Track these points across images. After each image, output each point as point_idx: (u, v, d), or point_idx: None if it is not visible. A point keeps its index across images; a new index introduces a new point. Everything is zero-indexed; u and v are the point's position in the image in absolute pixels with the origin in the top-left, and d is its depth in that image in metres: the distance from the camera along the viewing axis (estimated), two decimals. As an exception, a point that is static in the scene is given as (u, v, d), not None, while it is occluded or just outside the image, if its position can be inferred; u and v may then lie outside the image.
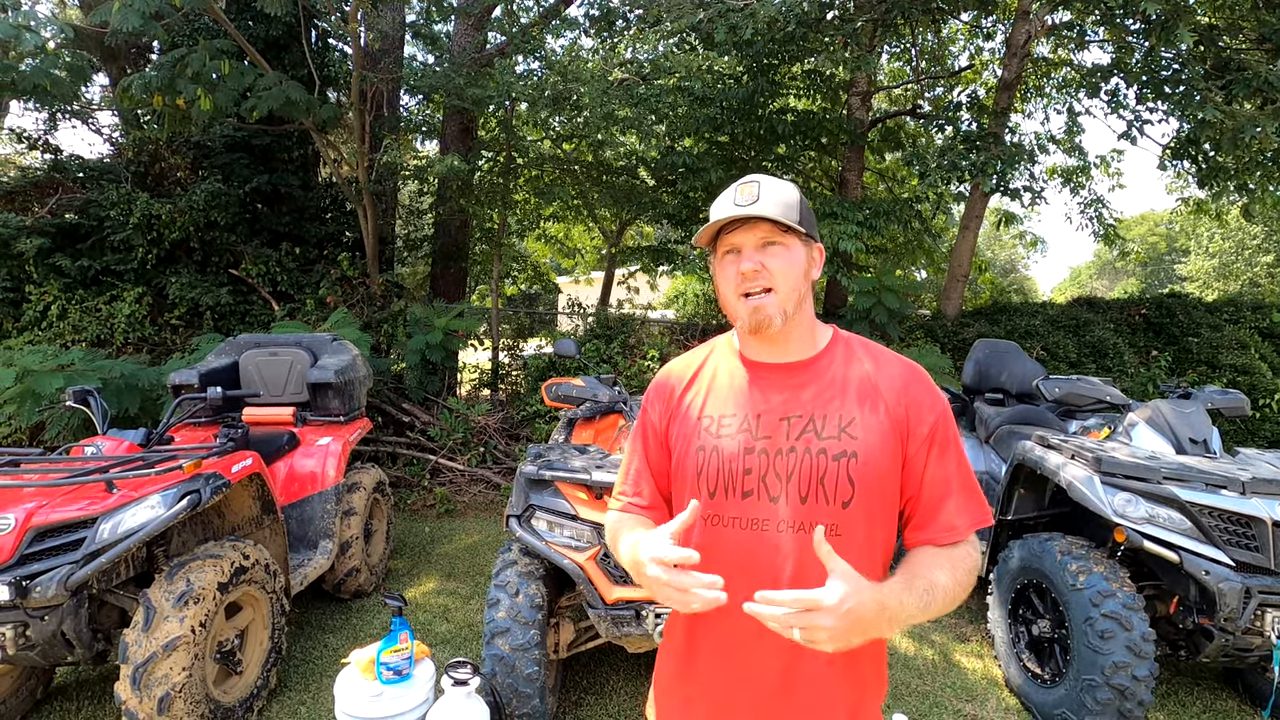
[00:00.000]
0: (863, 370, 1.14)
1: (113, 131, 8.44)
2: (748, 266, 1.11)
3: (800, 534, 1.07)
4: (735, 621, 1.06)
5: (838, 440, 1.08)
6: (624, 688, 3.07)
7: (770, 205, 1.10)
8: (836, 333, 1.21)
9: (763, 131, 7.21)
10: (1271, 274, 18.38)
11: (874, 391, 1.12)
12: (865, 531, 1.08)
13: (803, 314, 1.15)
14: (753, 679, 1.11)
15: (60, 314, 6.19)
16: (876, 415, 1.10)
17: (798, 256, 1.13)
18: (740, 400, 1.16)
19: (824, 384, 1.14)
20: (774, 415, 1.12)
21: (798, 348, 1.17)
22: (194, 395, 3.09)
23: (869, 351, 1.18)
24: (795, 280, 1.12)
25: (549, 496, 2.58)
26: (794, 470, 1.08)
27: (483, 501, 5.84)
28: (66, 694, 2.95)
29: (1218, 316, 7.81)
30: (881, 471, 1.08)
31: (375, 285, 6.96)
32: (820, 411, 1.11)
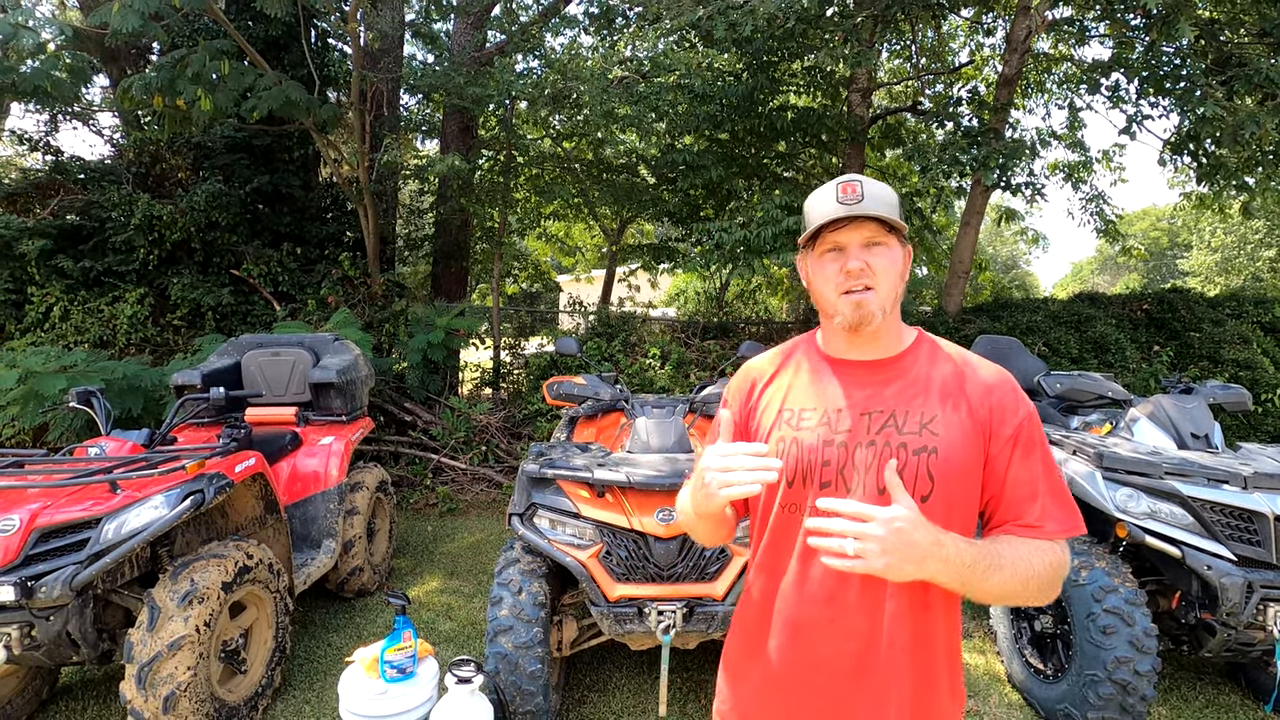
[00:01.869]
0: (947, 371, 1.16)
1: (113, 133, 8.45)
2: (854, 265, 1.12)
3: None
4: (809, 605, 1.13)
5: (918, 436, 1.10)
6: (627, 685, 3.08)
7: (876, 204, 1.12)
8: (921, 334, 1.23)
9: (763, 129, 7.20)
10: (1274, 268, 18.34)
11: (957, 391, 1.13)
12: (944, 526, 1.06)
13: (896, 314, 1.18)
14: (826, 662, 1.13)
15: (63, 315, 6.21)
16: (959, 414, 1.11)
17: (897, 256, 1.15)
18: (822, 395, 1.18)
19: (907, 381, 1.15)
20: (855, 410, 1.15)
21: (884, 346, 1.19)
22: (197, 396, 3.10)
23: (954, 353, 1.20)
24: (894, 280, 1.14)
25: (551, 495, 2.59)
26: (873, 463, 1.10)
27: (485, 500, 5.85)
28: (72, 694, 2.97)
29: (1220, 311, 7.80)
30: (962, 468, 1.09)
31: (376, 285, 6.97)
32: (902, 408, 1.13)
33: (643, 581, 2.47)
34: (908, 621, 1.10)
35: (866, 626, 1.10)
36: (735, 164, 7.59)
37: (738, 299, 10.75)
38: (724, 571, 2.49)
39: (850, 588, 1.11)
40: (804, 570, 1.14)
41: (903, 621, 1.10)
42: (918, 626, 1.11)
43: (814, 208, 1.18)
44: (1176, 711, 2.99)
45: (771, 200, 6.09)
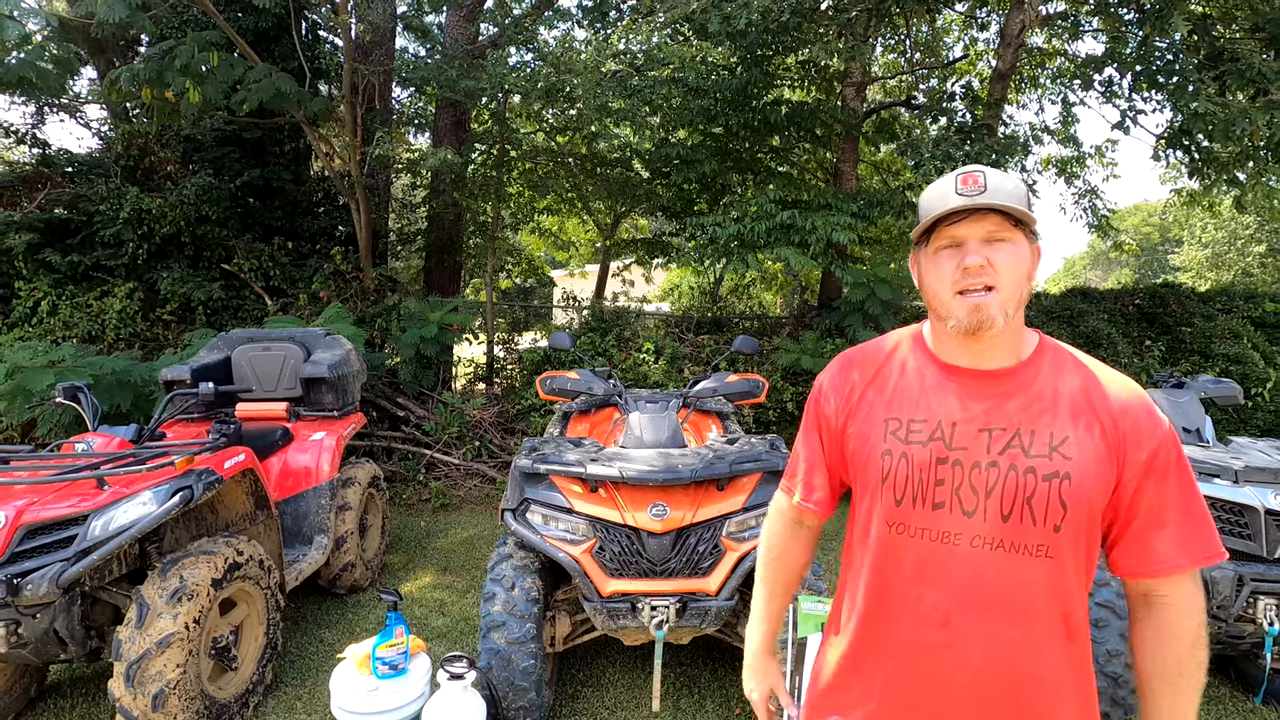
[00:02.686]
0: (1076, 385, 1.05)
1: (101, 125, 8.36)
2: (974, 261, 1.02)
3: (1000, 552, 1.03)
4: (924, 628, 1.07)
5: (1048, 459, 1.01)
6: (621, 680, 3.07)
7: (1000, 195, 1.02)
8: (1043, 340, 1.11)
9: (757, 123, 7.18)
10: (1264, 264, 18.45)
11: (1089, 409, 1.03)
12: (1074, 554, 1.02)
13: (1019, 318, 1.07)
14: (940, 686, 1.06)
15: (50, 310, 6.14)
16: (1092, 436, 1.02)
17: (1024, 254, 1.05)
18: (933, 405, 1.09)
19: (1031, 396, 1.05)
20: (973, 425, 1.05)
21: (1004, 353, 1.08)
22: (186, 391, 3.08)
23: (1081, 366, 1.08)
24: (1019, 279, 1.04)
25: (544, 490, 2.58)
26: (995, 486, 1.02)
27: (478, 495, 5.83)
28: (61, 692, 2.94)
29: (1211, 306, 7.84)
30: (1094, 496, 1.01)
31: (369, 279, 6.93)
32: (1028, 426, 1.03)
33: (636, 577, 2.46)
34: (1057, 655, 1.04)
35: (981, 656, 1.04)
36: (729, 158, 7.57)
37: (732, 294, 10.75)
38: (717, 567, 2.48)
39: (969, 613, 1.05)
40: (918, 590, 1.07)
41: (1051, 654, 1.04)
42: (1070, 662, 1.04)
43: (930, 199, 1.09)
44: (1167, 704, 3.00)
45: (765, 195, 6.08)
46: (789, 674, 2.45)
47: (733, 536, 2.52)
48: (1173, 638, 1.04)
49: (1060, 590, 1.02)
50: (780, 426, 6.31)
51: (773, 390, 6.27)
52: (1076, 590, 1.03)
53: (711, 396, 3.35)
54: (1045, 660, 1.03)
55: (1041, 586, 1.02)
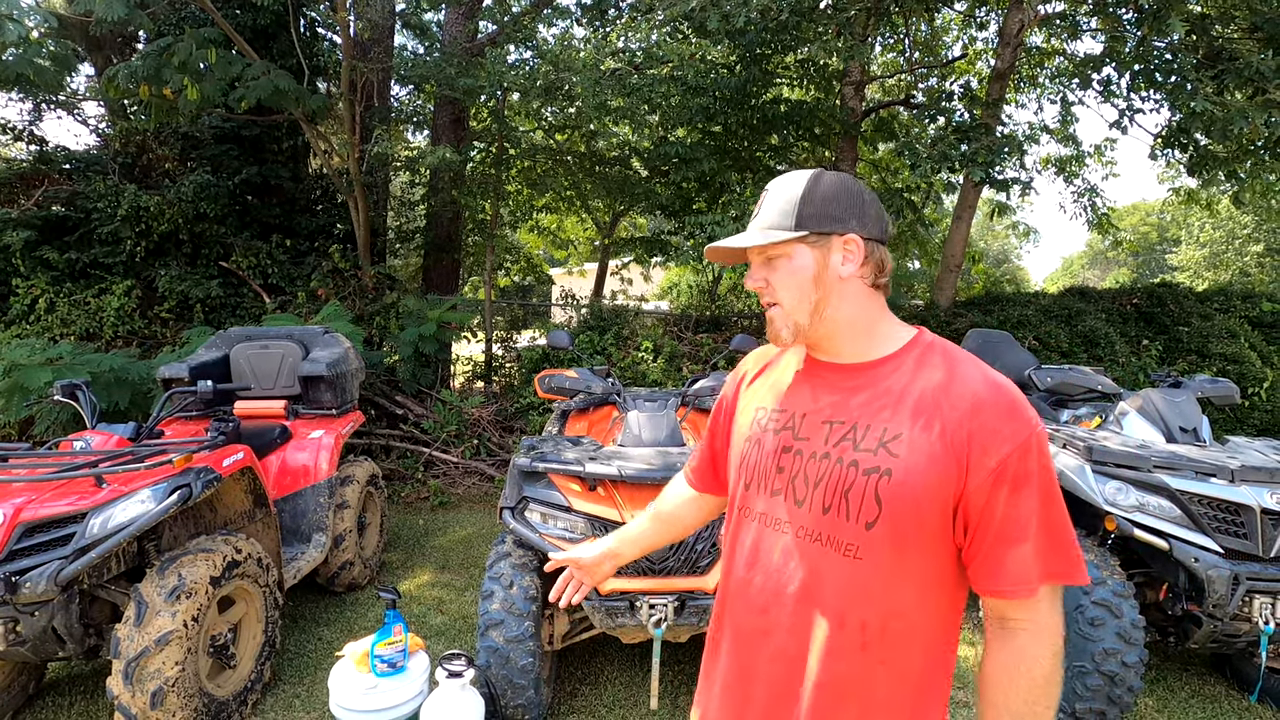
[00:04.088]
0: (930, 382, 0.99)
1: (99, 122, 8.34)
2: (748, 284, 1.10)
3: (817, 545, 1.01)
4: (750, 613, 1.08)
5: (874, 454, 0.98)
6: (619, 678, 3.08)
7: (764, 218, 1.07)
8: (918, 337, 1.07)
9: (756, 121, 7.18)
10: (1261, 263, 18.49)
11: (934, 407, 0.97)
12: (893, 558, 0.97)
13: (836, 320, 1.05)
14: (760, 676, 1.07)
15: (48, 307, 6.13)
16: (928, 434, 0.95)
17: (801, 264, 1.04)
18: (792, 397, 1.11)
19: (878, 392, 1.03)
20: (818, 417, 1.06)
21: (852, 350, 1.07)
22: (184, 389, 3.07)
23: (950, 364, 1.01)
24: (799, 290, 1.04)
25: (542, 489, 2.58)
26: (823, 477, 1.01)
27: (477, 494, 5.83)
28: (59, 689, 2.94)
29: (1208, 306, 7.85)
30: (919, 497, 0.94)
31: (367, 278, 6.92)
32: (865, 421, 1.01)
33: (634, 575, 2.47)
34: (845, 662, 0.98)
35: (795, 650, 1.02)
36: (728, 157, 7.57)
37: (730, 292, 10.75)
38: (716, 565, 2.48)
39: (784, 604, 1.03)
40: (749, 575, 1.08)
41: (839, 660, 0.98)
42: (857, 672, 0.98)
43: None
44: (1163, 702, 3.02)
45: (764, 193, 6.07)
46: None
47: (731, 535, 2.52)
48: (1024, 670, 0.96)
49: (862, 594, 0.97)
50: (778, 425, 6.31)
51: (771, 389, 6.27)
52: (882, 597, 0.97)
53: (710, 395, 3.35)
54: (833, 664, 0.98)
55: (839, 587, 0.98)
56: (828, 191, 1.04)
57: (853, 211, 1.04)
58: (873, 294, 1.07)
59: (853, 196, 1.05)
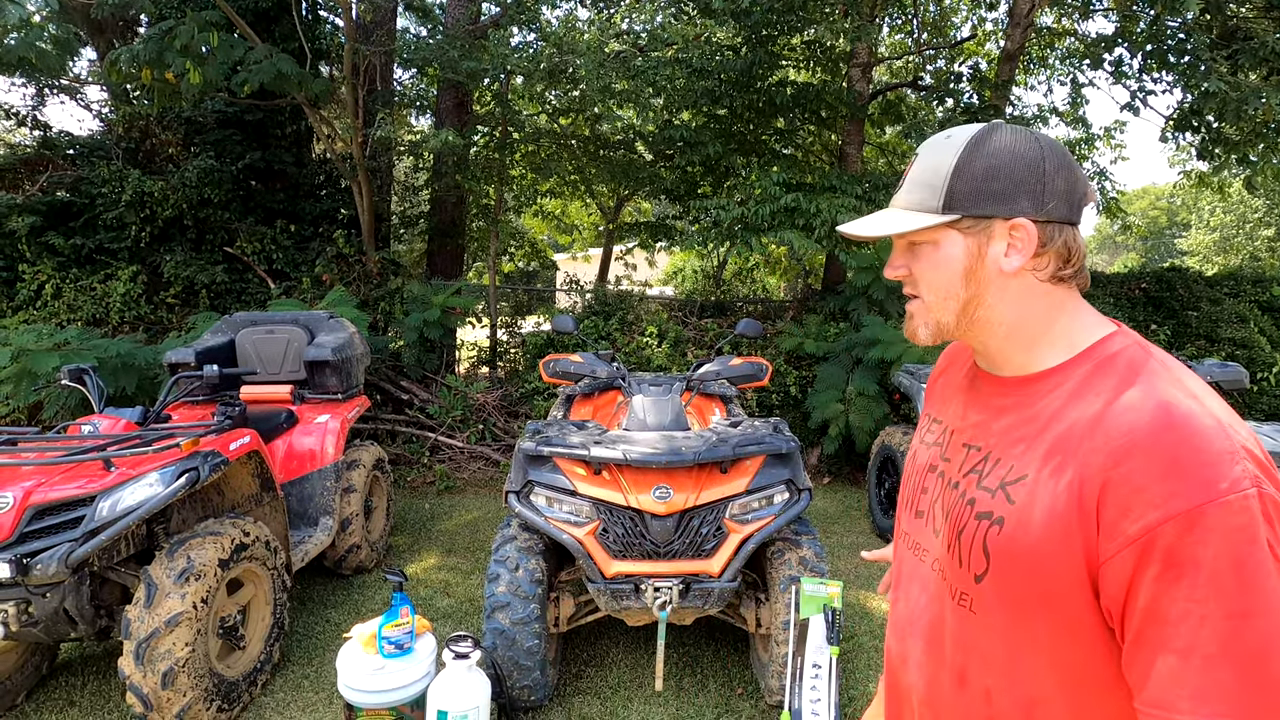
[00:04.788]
0: (1086, 412, 0.75)
1: (102, 107, 8.31)
2: (890, 273, 0.91)
3: (943, 582, 0.87)
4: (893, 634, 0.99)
5: (991, 496, 0.80)
6: (624, 660, 3.10)
7: (905, 192, 0.86)
8: (1102, 346, 0.81)
9: (761, 104, 7.11)
10: (1272, 248, 18.31)
11: (1073, 447, 0.73)
12: (1012, 625, 0.77)
13: (991, 323, 0.84)
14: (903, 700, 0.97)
15: (55, 293, 6.15)
16: (1055, 481, 0.73)
17: (949, 254, 0.83)
18: (950, 407, 0.98)
19: (1024, 417, 0.82)
20: (961, 438, 0.91)
21: (1004, 362, 0.87)
22: (190, 374, 3.08)
23: (1122, 385, 0.75)
24: (946, 285, 0.84)
25: (548, 472, 2.59)
26: (951, 509, 0.87)
27: (482, 478, 5.86)
28: (72, 669, 2.98)
29: (1218, 290, 7.79)
30: (1033, 560, 0.73)
31: (372, 263, 6.91)
32: (999, 452, 0.83)
33: (639, 558, 2.48)
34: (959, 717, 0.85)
35: (923, 689, 0.90)
36: (733, 140, 7.51)
37: (735, 278, 10.72)
38: (720, 549, 2.49)
39: (914, 636, 0.92)
40: (896, 594, 0.99)
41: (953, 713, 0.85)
42: None
43: None
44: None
45: (769, 177, 6.03)
46: (791, 654, 2.47)
47: (736, 519, 2.53)
48: None
49: (981, 655, 0.80)
50: (784, 410, 6.31)
51: (776, 374, 6.27)
52: (1007, 668, 0.78)
53: (715, 380, 3.35)
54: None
55: (962, 641, 0.83)
56: (994, 161, 0.80)
57: (1027, 186, 0.79)
58: (1050, 290, 0.83)
59: (1030, 166, 0.80)
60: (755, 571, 2.92)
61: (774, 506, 2.58)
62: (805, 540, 2.71)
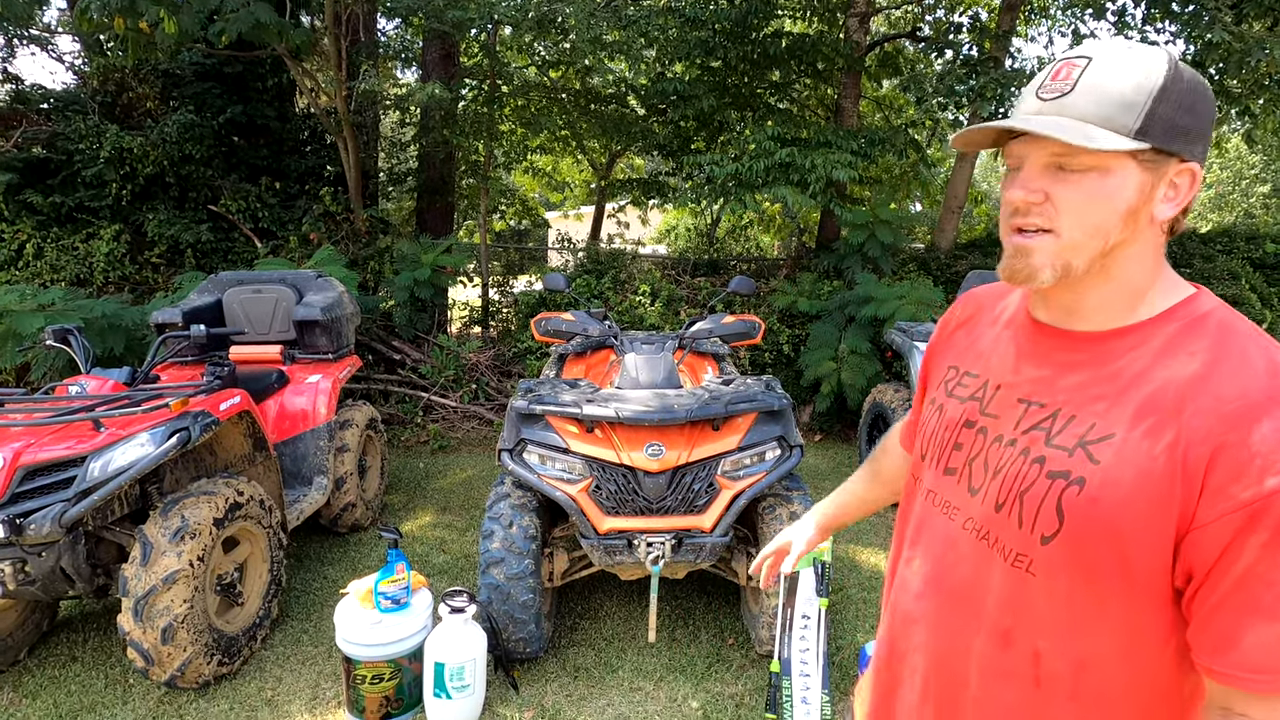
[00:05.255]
0: (1181, 373, 0.72)
1: (75, 59, 8.04)
2: (1016, 196, 0.77)
3: (983, 544, 0.83)
4: (905, 593, 0.96)
5: (1068, 455, 0.76)
6: (618, 613, 3.16)
7: (1086, 102, 0.72)
8: (1188, 304, 0.78)
9: (756, 56, 6.93)
10: (1267, 204, 18.23)
11: (1171, 409, 0.71)
12: (1077, 588, 0.75)
13: (1105, 274, 0.77)
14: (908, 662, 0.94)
15: (36, 253, 6.04)
16: (1151, 443, 0.71)
17: (1117, 187, 0.73)
18: (989, 360, 0.91)
19: (1101, 374, 0.77)
20: (1015, 392, 0.85)
21: (1095, 313, 0.80)
22: (177, 333, 3.05)
23: (1219, 347, 0.72)
24: (1098, 223, 0.74)
25: (540, 431, 2.59)
26: (1004, 467, 0.82)
27: (476, 437, 5.88)
28: (73, 626, 3.02)
29: (1211, 247, 7.77)
30: (1118, 523, 0.71)
31: (360, 221, 6.80)
32: (1071, 409, 0.78)
33: (632, 514, 2.50)
34: (1013, 690, 0.81)
35: (942, 649, 0.87)
36: (727, 94, 7.35)
37: (729, 236, 10.62)
38: (712, 504, 2.52)
39: (937, 597, 0.89)
40: (911, 553, 0.96)
41: (1003, 685, 0.81)
42: (1028, 709, 0.80)
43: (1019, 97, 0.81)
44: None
45: (764, 132, 5.92)
46: (781, 606, 2.52)
47: (727, 475, 2.55)
48: None
49: (1032, 617, 0.78)
50: (776, 368, 6.33)
51: (769, 332, 6.26)
52: (1066, 632, 0.76)
53: (707, 338, 3.34)
54: (997, 692, 0.81)
55: (1011, 603, 0.80)
56: (1193, 95, 0.72)
57: (1205, 131, 0.73)
58: (1162, 245, 0.78)
59: (1211, 107, 0.74)
60: (747, 526, 2.96)
61: (766, 463, 2.60)
62: (796, 496, 2.74)
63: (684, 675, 2.74)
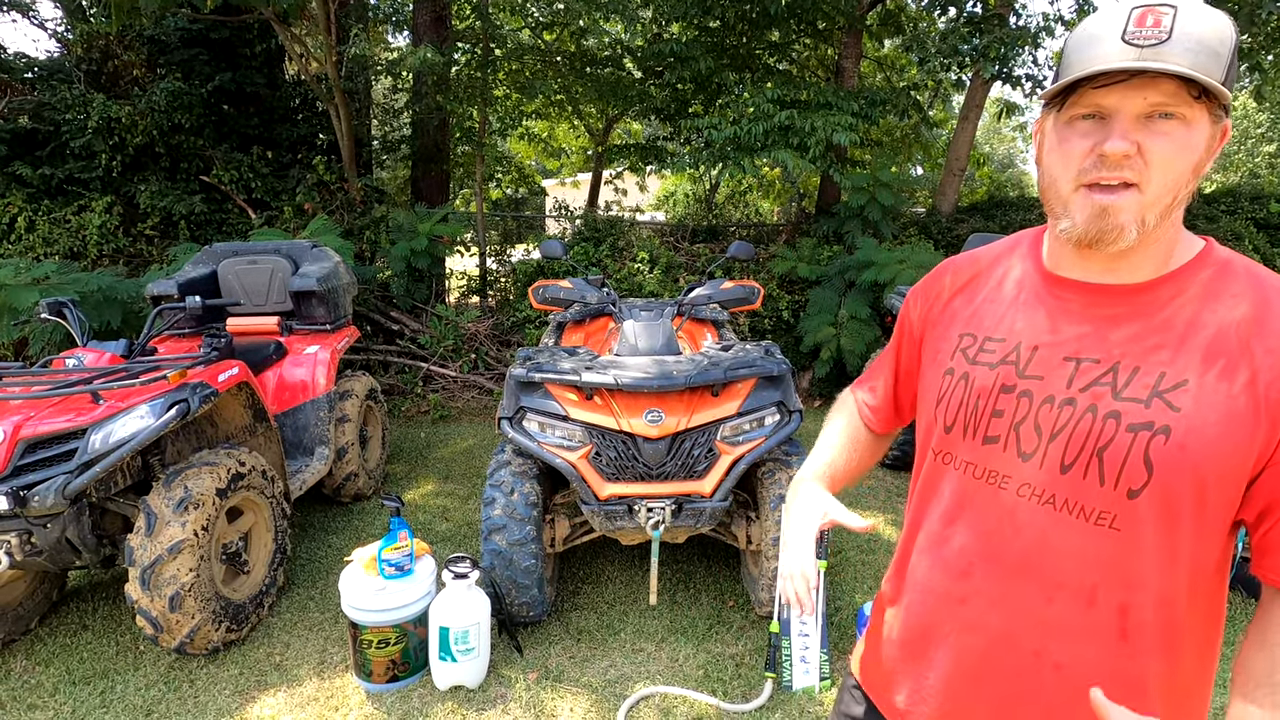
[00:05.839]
0: (1232, 315, 0.76)
1: (57, 25, 7.85)
2: (1116, 148, 0.73)
3: (1049, 509, 0.82)
4: (942, 573, 0.92)
5: (1144, 407, 0.76)
6: (619, 577, 3.21)
7: (1185, 51, 0.69)
8: (1209, 251, 0.82)
9: (755, 15, 6.77)
10: (1272, 164, 18.01)
11: (1240, 350, 0.74)
12: (1161, 535, 0.77)
13: (1166, 225, 0.78)
14: (947, 642, 0.92)
15: (28, 226, 5.98)
16: (1228, 384, 0.73)
17: (1197, 140, 0.73)
18: (1018, 323, 0.88)
19: (1153, 324, 0.79)
20: (1058, 351, 0.84)
21: (1136, 267, 0.81)
22: (174, 305, 3.03)
23: (1259, 290, 0.77)
24: (1179, 177, 0.74)
25: (539, 399, 2.59)
26: (1064, 428, 0.81)
27: (476, 407, 5.90)
28: (82, 596, 3.06)
29: (1215, 208, 7.70)
30: (1204, 466, 0.74)
31: (354, 190, 6.72)
32: (1132, 361, 0.78)
33: (632, 480, 2.52)
34: (1097, 648, 0.81)
35: (999, 624, 0.86)
36: (725, 55, 7.20)
37: (728, 201, 10.51)
38: (712, 469, 2.53)
39: (992, 571, 0.86)
40: (946, 531, 0.92)
41: (1089, 644, 0.82)
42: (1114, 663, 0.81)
43: (1079, 42, 0.76)
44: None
45: (763, 94, 5.81)
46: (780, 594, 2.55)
47: (727, 440, 2.56)
48: None
49: (1118, 572, 0.79)
50: (776, 334, 6.32)
51: (769, 298, 6.24)
52: (1151, 581, 0.78)
53: (706, 304, 3.32)
54: (1080, 654, 0.82)
55: (1093, 563, 0.80)
56: (1234, 54, 0.74)
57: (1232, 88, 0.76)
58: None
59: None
60: (746, 491, 2.98)
61: (765, 428, 2.60)
62: (795, 461, 2.76)
63: (685, 637, 2.79)
